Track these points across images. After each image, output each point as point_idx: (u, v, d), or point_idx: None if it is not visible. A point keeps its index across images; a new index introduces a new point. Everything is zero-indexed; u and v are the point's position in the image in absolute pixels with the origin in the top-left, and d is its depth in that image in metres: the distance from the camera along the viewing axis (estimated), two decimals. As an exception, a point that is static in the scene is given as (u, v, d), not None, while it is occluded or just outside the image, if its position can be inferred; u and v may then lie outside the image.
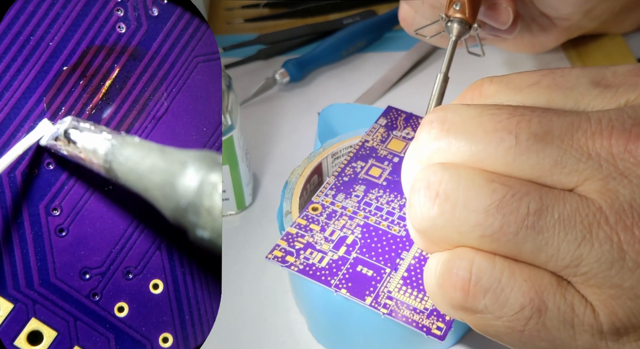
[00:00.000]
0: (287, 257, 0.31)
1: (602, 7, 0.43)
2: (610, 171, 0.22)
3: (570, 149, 0.23)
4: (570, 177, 0.23)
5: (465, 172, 0.24)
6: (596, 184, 0.23)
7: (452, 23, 0.35)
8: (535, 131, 0.23)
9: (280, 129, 0.50)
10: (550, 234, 0.23)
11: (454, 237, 0.24)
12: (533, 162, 0.23)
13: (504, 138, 0.24)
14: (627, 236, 0.22)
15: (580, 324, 0.23)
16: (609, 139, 0.23)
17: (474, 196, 0.23)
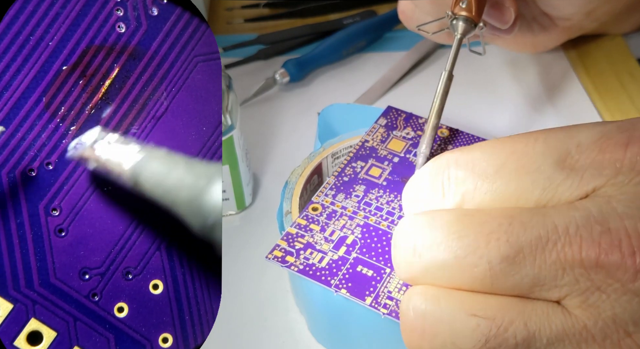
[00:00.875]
0: (287, 257, 0.31)
1: (603, 8, 0.43)
2: (588, 286, 0.22)
3: (545, 265, 0.23)
4: (551, 293, 0.23)
5: (446, 303, 0.24)
6: (576, 299, 0.22)
7: (458, 21, 0.35)
8: (507, 253, 0.23)
9: (280, 129, 0.50)
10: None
11: None
12: (511, 285, 0.23)
13: (477, 264, 0.23)
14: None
15: None
16: (580, 253, 0.22)
17: (460, 335, 0.23)
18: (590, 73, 0.50)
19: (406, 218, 0.26)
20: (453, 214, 0.25)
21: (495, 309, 0.23)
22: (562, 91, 0.50)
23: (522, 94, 0.50)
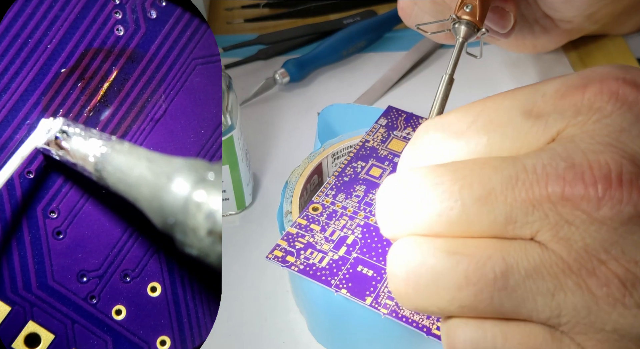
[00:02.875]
0: (288, 257, 0.31)
1: (604, 10, 0.43)
2: (557, 219, 0.23)
3: (515, 203, 0.23)
4: (524, 230, 0.23)
5: (427, 248, 0.25)
6: (548, 234, 0.23)
7: (460, 25, 0.35)
8: (479, 194, 0.24)
9: (280, 129, 0.50)
10: (523, 290, 0.23)
11: (438, 312, 0.25)
12: (486, 224, 0.24)
13: (452, 207, 0.24)
14: (593, 281, 0.22)
15: None
16: (546, 189, 0.23)
17: (441, 274, 0.24)
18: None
19: (388, 176, 0.27)
20: (428, 167, 0.26)
21: (474, 247, 0.24)
22: (563, 90, 0.50)
23: (523, 94, 0.50)
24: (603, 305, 0.22)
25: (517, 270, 0.23)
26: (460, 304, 0.24)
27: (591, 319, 0.22)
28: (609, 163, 0.23)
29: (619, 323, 0.22)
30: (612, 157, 0.23)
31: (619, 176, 0.22)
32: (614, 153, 0.23)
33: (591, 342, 0.23)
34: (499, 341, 0.24)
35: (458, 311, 0.24)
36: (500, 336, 0.24)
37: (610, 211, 0.22)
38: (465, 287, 0.24)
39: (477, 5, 0.35)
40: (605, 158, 0.23)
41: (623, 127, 0.24)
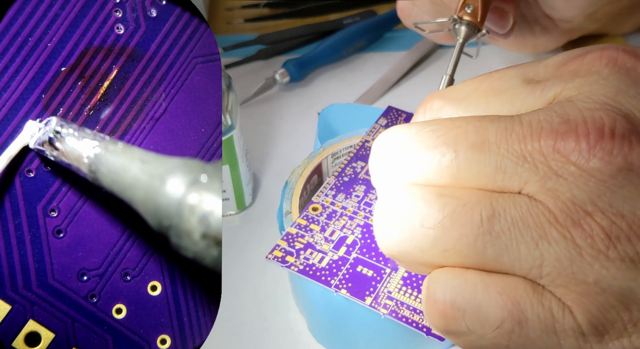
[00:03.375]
0: (287, 257, 0.31)
1: (604, 9, 0.43)
2: (546, 171, 0.23)
3: (507, 153, 0.23)
4: (512, 181, 0.23)
5: (415, 191, 0.25)
6: (536, 185, 0.23)
7: (461, 25, 0.35)
8: (473, 141, 0.24)
9: (280, 129, 0.50)
10: (508, 238, 0.23)
11: (420, 256, 0.25)
12: (475, 171, 0.24)
13: (444, 152, 0.24)
14: (577, 232, 0.22)
15: (562, 330, 0.23)
16: (539, 140, 0.23)
17: (426, 214, 0.24)
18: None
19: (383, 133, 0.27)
20: (430, 120, 0.26)
21: (462, 193, 0.24)
22: (563, 90, 0.50)
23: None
24: (586, 256, 0.22)
25: (503, 217, 0.23)
26: (443, 247, 0.24)
27: (573, 270, 0.22)
28: (603, 118, 0.23)
29: (601, 275, 0.22)
30: (607, 114, 0.23)
31: (612, 129, 0.23)
32: (609, 110, 0.23)
33: (572, 295, 0.23)
34: (480, 289, 0.23)
35: (440, 256, 0.24)
36: (481, 284, 0.24)
37: (600, 163, 0.22)
38: (450, 228, 0.23)
39: (478, 7, 0.35)
40: (600, 114, 0.23)
41: (620, 88, 0.24)
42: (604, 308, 0.22)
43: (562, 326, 0.23)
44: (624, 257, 0.22)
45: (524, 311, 0.23)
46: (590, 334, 0.23)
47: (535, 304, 0.23)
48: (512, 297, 0.23)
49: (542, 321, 0.23)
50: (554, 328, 0.23)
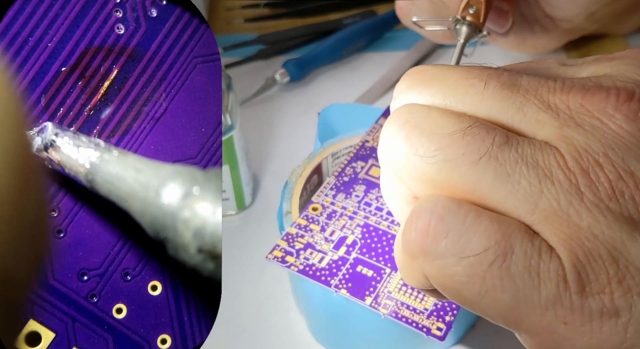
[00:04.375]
0: (287, 257, 0.31)
1: (605, 9, 0.43)
2: (566, 120, 0.23)
3: (533, 99, 0.24)
4: (530, 125, 0.24)
5: (436, 107, 0.25)
6: (553, 130, 0.23)
7: (462, 26, 0.35)
8: (504, 81, 0.24)
9: (280, 129, 0.50)
10: (512, 168, 0.23)
11: (416, 164, 0.24)
12: (498, 107, 0.24)
13: (475, 84, 0.25)
14: (584, 179, 0.22)
15: (545, 271, 0.22)
16: (567, 94, 0.23)
17: (441, 123, 0.24)
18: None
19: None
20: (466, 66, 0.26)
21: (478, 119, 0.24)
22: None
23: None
24: (586, 202, 0.22)
25: (514, 147, 0.23)
26: (444, 157, 0.23)
27: (569, 212, 0.22)
28: (635, 89, 0.23)
29: (596, 221, 0.22)
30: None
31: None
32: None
33: (561, 236, 0.22)
34: (472, 215, 0.23)
35: (438, 166, 0.24)
36: (475, 212, 0.23)
37: (623, 119, 0.23)
38: (459, 139, 0.23)
39: (481, 8, 0.35)
40: (632, 86, 0.23)
41: None
42: (592, 255, 0.22)
43: (546, 268, 0.22)
44: (624, 213, 0.22)
45: (512, 244, 0.22)
46: (573, 281, 0.22)
47: (525, 241, 0.22)
48: (504, 229, 0.23)
49: (528, 258, 0.22)
50: (538, 268, 0.22)
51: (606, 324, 0.22)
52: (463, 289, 0.23)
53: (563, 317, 0.22)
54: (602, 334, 0.22)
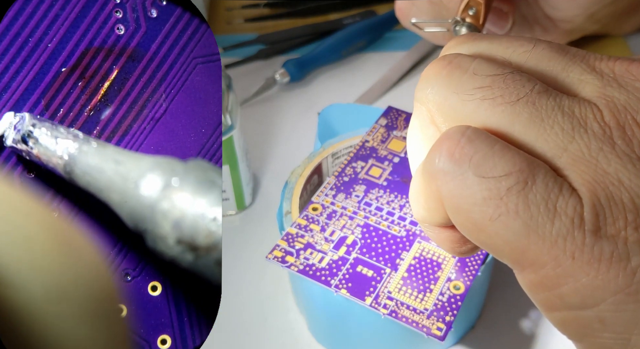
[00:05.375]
0: (287, 257, 0.31)
1: (605, 10, 0.43)
2: (610, 81, 0.23)
3: (580, 62, 0.24)
4: (572, 84, 0.24)
5: (483, 55, 0.25)
6: (595, 89, 0.23)
7: (462, 27, 0.35)
8: (552, 45, 0.25)
9: (280, 129, 0.50)
10: (547, 114, 0.23)
11: (453, 101, 0.24)
12: (544, 66, 0.25)
13: (524, 45, 0.25)
14: (618, 132, 0.22)
15: (563, 206, 0.22)
16: (614, 62, 0.24)
17: (485, 66, 0.24)
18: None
19: None
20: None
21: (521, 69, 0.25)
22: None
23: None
24: (617, 150, 0.22)
25: (553, 97, 0.23)
26: (482, 96, 0.24)
27: (598, 157, 0.22)
28: None
29: (625, 169, 0.22)
30: None
31: None
32: None
33: (586, 178, 0.22)
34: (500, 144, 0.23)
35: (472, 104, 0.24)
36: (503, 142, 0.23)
37: None
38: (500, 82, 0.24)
39: (481, 9, 0.35)
40: None
41: None
42: (614, 200, 0.22)
43: (564, 202, 0.22)
44: None
45: (535, 174, 0.22)
46: (589, 220, 0.22)
47: (549, 175, 0.22)
48: (530, 160, 0.23)
49: (548, 191, 0.22)
50: (556, 201, 0.22)
51: (615, 266, 0.22)
52: (475, 211, 0.23)
53: (572, 252, 0.22)
54: (609, 275, 0.22)
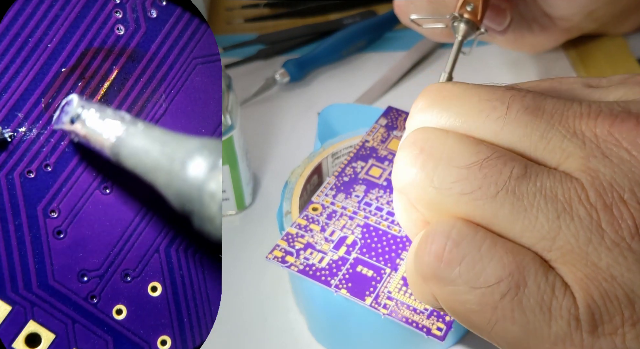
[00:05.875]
0: (287, 257, 0.31)
1: (604, 8, 0.43)
2: (593, 149, 0.22)
3: (558, 125, 0.23)
4: (553, 153, 0.23)
5: (454, 134, 0.24)
6: (578, 161, 0.22)
7: (460, 23, 0.35)
8: (528, 105, 0.24)
9: (280, 129, 0.50)
10: (530, 202, 0.22)
11: (432, 195, 0.24)
12: (520, 134, 0.23)
13: (496, 107, 0.24)
14: (606, 215, 0.22)
15: (557, 308, 0.22)
16: (595, 120, 0.23)
17: (458, 153, 0.23)
18: (590, 73, 0.50)
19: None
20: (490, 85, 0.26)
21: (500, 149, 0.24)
22: (563, 90, 0.50)
23: (523, 94, 0.50)
24: (607, 240, 0.21)
25: (533, 181, 0.22)
26: (461, 190, 0.23)
27: (588, 250, 0.22)
28: None
29: (616, 262, 0.21)
30: None
31: None
32: None
33: (578, 275, 0.22)
34: (487, 243, 0.23)
35: (454, 198, 0.23)
36: (490, 240, 0.23)
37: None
38: (476, 172, 0.23)
39: (479, 5, 0.35)
40: None
41: None
42: (608, 297, 0.21)
43: (558, 305, 0.22)
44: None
45: (526, 277, 0.22)
46: (585, 321, 0.22)
47: (540, 275, 0.22)
48: (518, 260, 0.22)
49: (541, 293, 0.22)
50: (550, 303, 0.22)
51: None
52: (474, 317, 0.23)
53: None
54: None
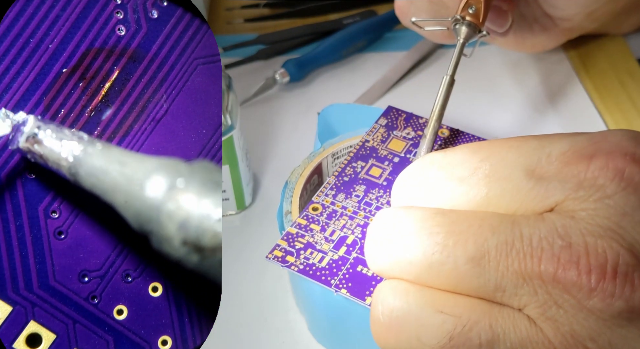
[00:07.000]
0: (287, 257, 0.31)
1: (604, 8, 0.43)
2: (546, 298, 0.23)
3: (507, 272, 0.23)
4: (512, 300, 0.23)
5: (414, 299, 0.25)
6: (536, 310, 0.23)
7: (461, 25, 0.35)
8: (472, 254, 0.24)
9: (280, 129, 0.50)
10: None
11: None
12: (475, 286, 0.24)
13: (444, 262, 0.24)
14: None
15: None
16: (539, 265, 0.23)
17: (425, 329, 0.24)
18: (590, 73, 0.50)
19: (383, 210, 0.27)
20: (428, 211, 0.26)
21: (461, 308, 0.24)
22: (563, 91, 0.50)
23: (523, 95, 0.50)
24: None
25: (502, 341, 0.23)
26: None
27: None
28: (606, 252, 0.22)
29: None
30: (610, 245, 0.22)
31: (615, 267, 0.22)
32: (613, 240, 0.22)
33: None
34: None
35: None
36: None
37: (601, 303, 0.22)
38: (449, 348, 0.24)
39: (481, 8, 0.35)
40: (603, 245, 0.22)
41: (625, 211, 0.23)
42: None
43: None
44: None
45: None
46: None
47: None
48: None
49: None
50: None
51: None
52: None
53: None
54: None
